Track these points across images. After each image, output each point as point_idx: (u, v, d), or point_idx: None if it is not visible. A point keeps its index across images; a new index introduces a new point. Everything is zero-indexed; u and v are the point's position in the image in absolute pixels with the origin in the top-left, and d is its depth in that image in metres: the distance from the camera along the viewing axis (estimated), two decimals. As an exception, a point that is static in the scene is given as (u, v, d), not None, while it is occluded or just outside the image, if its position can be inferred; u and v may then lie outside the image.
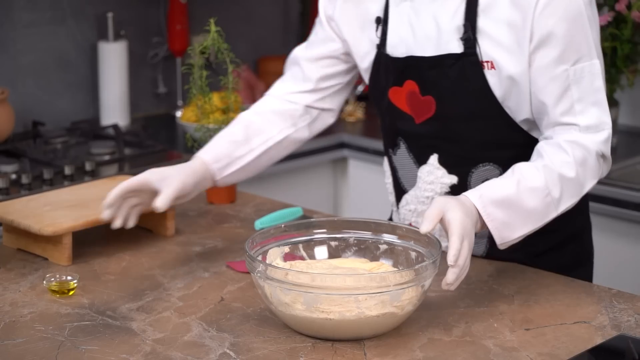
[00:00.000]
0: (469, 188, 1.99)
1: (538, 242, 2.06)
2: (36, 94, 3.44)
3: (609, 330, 1.78)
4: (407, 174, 2.12)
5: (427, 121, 2.04)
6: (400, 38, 2.04)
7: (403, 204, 2.14)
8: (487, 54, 1.95)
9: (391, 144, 2.14)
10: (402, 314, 1.74)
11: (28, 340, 1.73)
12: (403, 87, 2.05)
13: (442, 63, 1.98)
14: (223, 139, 2.16)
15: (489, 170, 2.03)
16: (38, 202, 2.19)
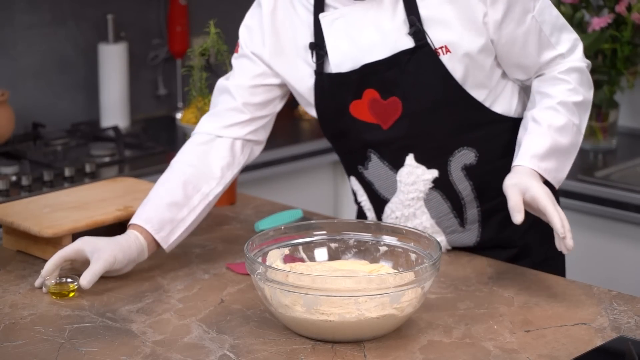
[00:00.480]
0: (451, 177, 2.06)
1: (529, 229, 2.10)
2: (36, 95, 3.44)
3: (608, 332, 1.78)
4: (384, 183, 2.11)
5: (395, 124, 2.04)
6: (344, 54, 2.03)
7: (387, 213, 2.14)
8: (438, 40, 1.98)
9: (360, 159, 2.12)
10: (402, 316, 1.74)
11: (28, 342, 1.73)
12: (362, 99, 2.04)
13: (398, 61, 1.99)
14: (162, 203, 2.05)
15: (465, 154, 2.06)
16: (38, 203, 2.19)
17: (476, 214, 2.11)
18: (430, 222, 2.11)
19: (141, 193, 2.25)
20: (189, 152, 2.14)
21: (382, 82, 2.02)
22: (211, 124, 2.14)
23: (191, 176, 2.09)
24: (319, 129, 3.67)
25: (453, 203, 2.09)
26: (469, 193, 2.09)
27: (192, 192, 2.08)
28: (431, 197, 2.09)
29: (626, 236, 2.90)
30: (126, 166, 3.14)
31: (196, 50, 2.40)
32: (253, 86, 2.13)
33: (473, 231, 2.13)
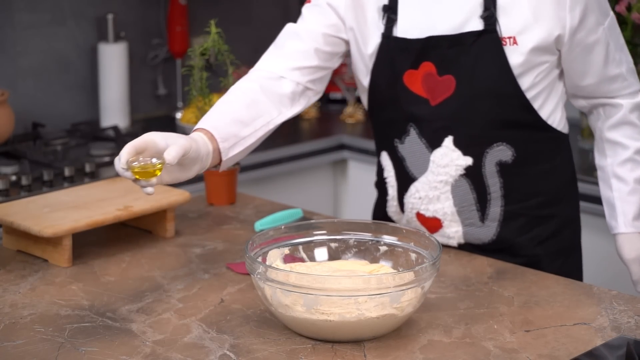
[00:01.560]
0: (484, 169, 2.07)
1: (541, 228, 2.13)
2: (36, 95, 3.44)
3: (608, 331, 1.78)
4: (417, 160, 2.11)
5: (444, 102, 2.05)
6: (413, 21, 2.05)
7: (411, 192, 2.13)
8: (508, 29, 1.99)
9: (398, 132, 2.12)
10: (402, 316, 1.74)
11: (28, 341, 1.73)
12: (419, 70, 2.05)
13: (463, 41, 2.01)
14: (228, 117, 2.01)
15: (502, 150, 2.06)
16: (38, 203, 2.19)
17: (498, 212, 2.11)
18: (451, 210, 2.11)
19: (141, 193, 2.25)
20: (252, 81, 2.11)
21: (442, 58, 2.03)
22: (277, 64, 2.13)
23: (254, 101, 2.06)
24: (319, 129, 3.68)
25: (479, 195, 2.09)
26: (497, 190, 2.09)
27: (255, 115, 2.05)
28: (459, 184, 2.09)
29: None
30: (126, 166, 3.13)
31: (196, 50, 2.40)
32: (324, 34, 2.13)
33: (491, 229, 2.12)
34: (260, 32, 4.07)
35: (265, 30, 4.08)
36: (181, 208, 2.40)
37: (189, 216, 2.37)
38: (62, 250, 2.06)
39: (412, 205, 2.15)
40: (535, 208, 2.13)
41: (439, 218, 2.12)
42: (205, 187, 2.46)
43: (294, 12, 4.17)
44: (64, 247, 2.06)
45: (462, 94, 2.04)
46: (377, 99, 2.16)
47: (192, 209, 2.42)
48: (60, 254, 2.06)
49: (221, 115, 2.02)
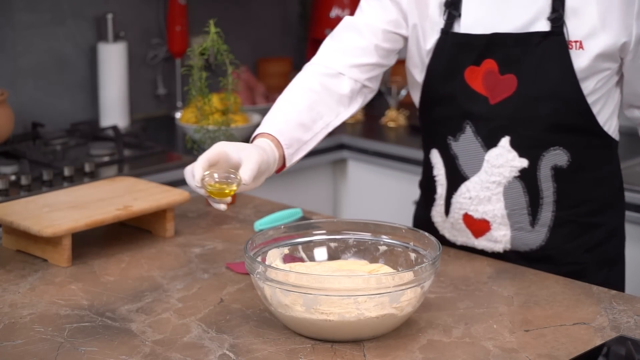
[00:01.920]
0: (538, 172, 2.05)
1: (589, 236, 2.12)
2: (36, 95, 3.44)
3: (608, 331, 1.78)
4: (471, 159, 2.09)
5: (504, 101, 2.04)
6: (478, 17, 2.04)
7: (462, 191, 2.11)
8: (575, 33, 1.98)
9: (453, 129, 2.10)
10: (402, 316, 1.74)
11: (27, 341, 1.73)
12: (480, 67, 2.04)
13: (528, 41, 2.00)
14: (292, 120, 1.98)
15: (559, 154, 2.05)
16: (37, 203, 2.19)
17: (549, 218, 2.09)
18: (502, 212, 2.08)
19: (141, 192, 2.25)
20: (312, 79, 2.07)
21: (505, 56, 2.02)
22: (336, 59, 2.10)
23: (316, 102, 2.03)
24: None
25: (531, 199, 2.08)
26: (550, 195, 2.07)
27: (316, 117, 2.02)
28: (512, 186, 2.07)
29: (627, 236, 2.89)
30: (125, 166, 3.14)
31: (196, 50, 2.40)
32: (385, 31, 2.11)
33: (540, 234, 2.11)
34: (260, 32, 4.08)
35: (264, 30, 4.09)
36: (181, 208, 2.40)
37: (189, 216, 2.37)
38: (62, 250, 2.06)
39: (460, 205, 2.13)
40: (585, 215, 2.11)
41: (488, 220, 2.10)
42: (205, 186, 2.45)
43: (292, 12, 4.18)
44: (63, 246, 2.06)
45: (523, 94, 2.02)
46: (432, 95, 2.13)
47: (191, 208, 2.42)
48: (59, 253, 2.06)
49: (285, 118, 1.98)
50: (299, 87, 2.07)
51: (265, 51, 4.10)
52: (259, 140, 1.93)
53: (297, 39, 4.19)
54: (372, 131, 3.67)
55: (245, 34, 3.99)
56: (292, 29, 4.18)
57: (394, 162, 3.42)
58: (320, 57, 2.13)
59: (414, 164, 3.38)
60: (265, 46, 4.10)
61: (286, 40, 4.16)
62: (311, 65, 2.12)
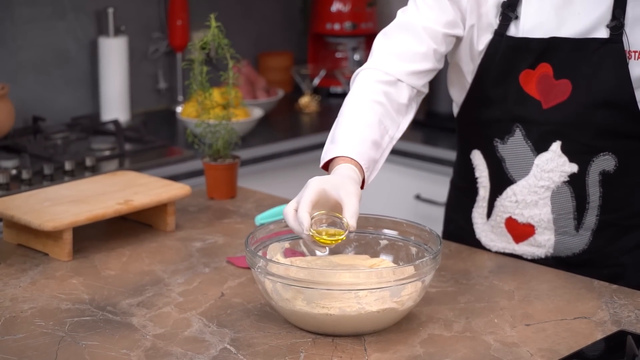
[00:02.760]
0: (587, 178, 2.04)
1: (629, 237, 2.11)
2: (36, 89, 3.44)
3: (609, 325, 1.78)
4: (519, 163, 2.07)
5: (557, 106, 2.02)
6: (537, 22, 2.01)
7: (507, 194, 2.09)
8: (635, 43, 1.97)
9: (501, 132, 2.07)
10: (403, 310, 1.74)
11: (28, 335, 1.73)
12: (536, 70, 2.02)
13: (586, 47, 1.98)
14: (367, 140, 1.90)
15: (607, 160, 2.04)
16: (38, 197, 2.19)
17: (594, 222, 2.07)
18: (548, 217, 2.07)
19: (141, 186, 2.25)
20: (375, 88, 1.97)
21: (561, 61, 2.00)
22: (395, 65, 2.00)
23: (383, 116, 1.95)
24: (319, 123, 3.68)
25: (578, 204, 2.06)
26: (596, 199, 2.06)
27: (383, 132, 1.94)
28: (561, 191, 2.05)
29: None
30: (126, 160, 3.14)
31: (196, 44, 2.39)
32: (444, 35, 2.03)
33: (584, 238, 2.09)
34: (261, 26, 4.07)
35: (265, 25, 4.09)
36: (181, 202, 2.40)
37: (190, 210, 2.37)
38: (63, 244, 2.06)
39: (504, 208, 2.10)
40: (627, 218, 2.10)
41: (533, 224, 2.09)
42: (206, 181, 2.46)
43: (293, 6, 4.17)
44: (64, 241, 2.06)
45: (577, 100, 2.00)
46: (481, 97, 2.09)
47: (192, 203, 2.42)
48: (60, 247, 2.06)
49: (361, 137, 1.90)
50: (365, 99, 1.96)
51: (266, 45, 4.10)
52: (344, 167, 1.84)
53: (298, 34, 4.18)
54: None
55: (246, 28, 3.99)
56: (293, 23, 4.18)
57: (395, 156, 3.42)
58: (377, 62, 2.02)
59: (415, 158, 3.38)
60: (266, 40, 4.10)
61: (287, 34, 4.16)
62: (369, 71, 2.02)
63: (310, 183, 1.74)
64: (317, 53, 4.06)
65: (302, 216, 1.70)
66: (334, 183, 1.76)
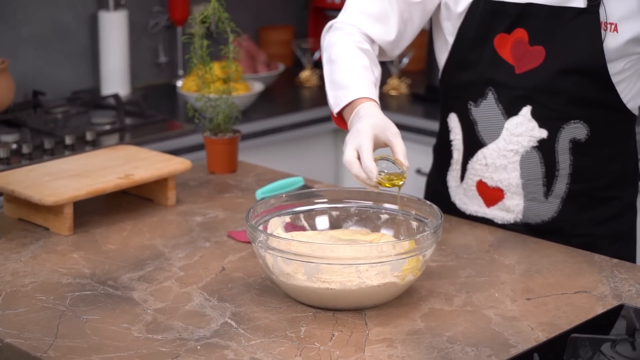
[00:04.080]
0: (557, 144, 2.05)
1: (602, 209, 2.11)
2: (36, 63, 3.42)
3: (610, 300, 1.78)
4: (490, 126, 2.08)
5: (530, 72, 2.03)
6: None
7: (478, 158, 2.11)
8: (612, 15, 1.97)
9: (475, 95, 2.09)
10: (403, 284, 1.74)
11: (29, 310, 1.73)
12: (511, 35, 2.03)
13: (562, 15, 1.99)
14: (372, 82, 1.99)
15: (578, 127, 2.04)
16: (39, 172, 2.18)
17: (563, 190, 2.08)
18: (517, 182, 2.07)
19: (142, 161, 2.25)
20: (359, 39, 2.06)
21: (537, 28, 2.01)
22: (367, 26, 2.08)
23: (371, 61, 2.04)
24: (320, 97, 3.67)
25: (547, 170, 2.07)
26: (566, 167, 2.06)
27: (373, 75, 2.03)
28: (530, 156, 2.06)
29: None
30: (127, 134, 3.14)
31: (197, 18, 2.38)
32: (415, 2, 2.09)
33: (553, 205, 2.09)
34: (261, 0, 4.05)
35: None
36: (182, 176, 2.39)
37: (190, 184, 2.37)
38: (63, 218, 2.05)
39: (475, 171, 2.12)
40: (599, 189, 2.10)
41: (502, 189, 2.09)
42: (206, 155, 2.45)
43: (294, -21, 4.15)
44: (65, 215, 2.05)
45: (550, 67, 2.01)
46: (459, 59, 2.12)
47: (193, 177, 2.41)
48: (61, 222, 2.06)
49: (367, 79, 1.99)
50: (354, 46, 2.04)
51: (267, 19, 4.09)
52: (370, 105, 1.92)
53: (299, 7, 4.16)
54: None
55: (247, 2, 3.97)
56: (294, -3, 4.16)
57: (396, 131, 3.41)
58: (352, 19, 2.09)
59: (416, 133, 3.37)
60: (267, 14, 4.08)
61: (287, 8, 4.14)
62: (346, 25, 2.09)
63: (362, 130, 1.82)
64: (318, 27, 4.05)
65: (369, 165, 1.78)
66: (381, 126, 1.84)
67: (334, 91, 1.99)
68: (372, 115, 1.88)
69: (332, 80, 2.01)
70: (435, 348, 1.61)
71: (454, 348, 1.61)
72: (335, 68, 2.02)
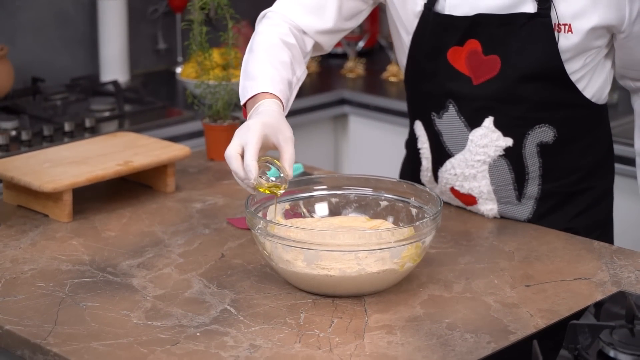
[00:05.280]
0: (523, 150, 2.02)
1: (577, 202, 2.10)
2: (35, 50, 3.42)
3: (609, 286, 1.78)
4: (454, 137, 2.06)
5: (487, 82, 2.00)
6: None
7: (447, 168, 2.09)
8: (564, 15, 1.93)
9: (436, 107, 2.06)
10: (403, 271, 1.73)
11: (29, 297, 1.73)
12: (464, 47, 2.00)
13: (513, 22, 1.95)
14: (285, 79, 1.92)
15: (544, 131, 2.01)
16: (38, 158, 2.18)
17: (536, 191, 2.06)
18: (487, 189, 2.06)
19: (141, 148, 2.24)
20: (286, 32, 2.01)
21: (489, 37, 1.97)
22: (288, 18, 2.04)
23: (293, 57, 1.97)
24: (319, 84, 3.67)
25: (517, 175, 2.05)
26: (536, 170, 2.04)
27: (292, 73, 1.96)
28: (497, 164, 2.04)
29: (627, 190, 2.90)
30: (126, 121, 3.13)
31: (196, 4, 2.38)
32: None
33: (527, 207, 2.08)
34: (260, -14, 4.04)
35: (265, -15, 4.05)
36: (181, 163, 2.39)
37: (190, 171, 2.37)
38: (63, 205, 2.05)
39: (446, 180, 2.10)
40: (572, 184, 2.09)
41: (474, 195, 2.08)
42: (206, 142, 2.45)
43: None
44: (64, 202, 2.05)
45: (507, 75, 1.98)
46: (416, 70, 2.09)
47: (192, 164, 2.41)
48: (60, 209, 2.06)
49: (280, 76, 1.91)
50: (278, 39, 1.98)
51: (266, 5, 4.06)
52: (271, 102, 1.86)
53: (298, -6, 4.15)
54: (373, 86, 3.65)
55: (246, -12, 3.96)
56: (293, -17, 4.14)
57: (395, 117, 3.41)
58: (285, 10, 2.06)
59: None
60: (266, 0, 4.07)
61: (287, -6, 4.13)
62: (278, 15, 2.05)
63: (252, 127, 1.75)
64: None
65: (250, 164, 1.71)
66: (273, 127, 1.79)
67: (244, 81, 1.92)
68: (268, 114, 1.81)
69: (245, 70, 1.94)
70: (434, 335, 1.61)
71: (453, 335, 1.61)
72: (250, 58, 1.96)
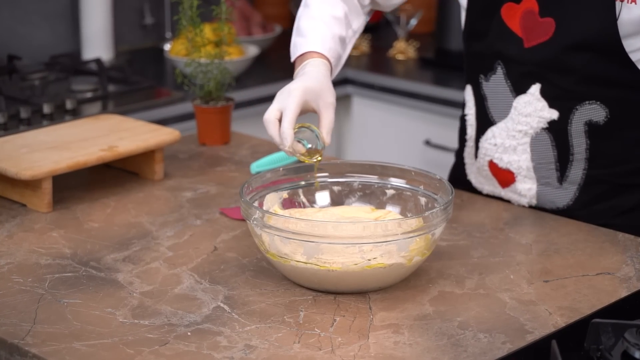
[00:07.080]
0: (570, 127, 2.03)
1: (625, 198, 2.09)
2: (11, 25, 3.42)
3: (634, 282, 1.78)
4: (499, 103, 2.08)
5: (538, 46, 2.01)
6: None
7: (488, 136, 2.11)
8: None
9: (484, 68, 2.09)
10: (410, 265, 1.74)
11: (5, 293, 1.74)
12: (520, 5, 2.02)
13: None
14: (336, 36, 2.05)
15: (595, 109, 2.01)
16: (15, 143, 2.19)
17: (580, 176, 2.06)
18: (527, 164, 2.07)
19: (127, 132, 2.25)
20: None
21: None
22: None
23: (348, 10, 2.11)
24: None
25: (560, 154, 2.05)
26: (582, 151, 2.04)
27: (347, 26, 2.09)
28: (540, 139, 2.05)
29: None
30: (110, 102, 3.14)
31: (186, -25, 2.38)
32: None
33: (569, 192, 2.08)
34: (256, -44, 4.05)
35: (262, -46, 4.05)
36: (170, 148, 2.40)
37: (179, 157, 2.37)
38: (42, 194, 2.06)
39: (485, 150, 2.12)
40: (622, 176, 2.08)
41: (513, 171, 2.09)
42: (197, 125, 2.45)
43: None
44: (43, 190, 2.06)
45: (560, 41, 1.99)
46: (472, 28, 2.12)
47: (182, 149, 2.42)
48: (39, 198, 2.06)
49: (331, 32, 2.04)
50: None
51: (262, -23, 4.08)
52: (318, 62, 1.97)
53: (297, -36, 4.16)
54: (379, 64, 3.65)
55: (240, -43, 3.96)
56: (291, -48, 4.15)
57: (403, 98, 3.42)
58: None
59: (424, 100, 3.37)
60: (262, -29, 4.07)
61: (285, -36, 4.14)
62: None
63: (294, 92, 1.85)
64: (318, -15, 4.04)
65: (286, 131, 1.81)
66: (315, 91, 1.88)
67: (295, 37, 2.07)
68: (313, 76, 1.92)
69: (298, 26, 2.09)
70: (445, 334, 1.62)
71: (465, 334, 1.62)
72: (304, 13, 2.10)
